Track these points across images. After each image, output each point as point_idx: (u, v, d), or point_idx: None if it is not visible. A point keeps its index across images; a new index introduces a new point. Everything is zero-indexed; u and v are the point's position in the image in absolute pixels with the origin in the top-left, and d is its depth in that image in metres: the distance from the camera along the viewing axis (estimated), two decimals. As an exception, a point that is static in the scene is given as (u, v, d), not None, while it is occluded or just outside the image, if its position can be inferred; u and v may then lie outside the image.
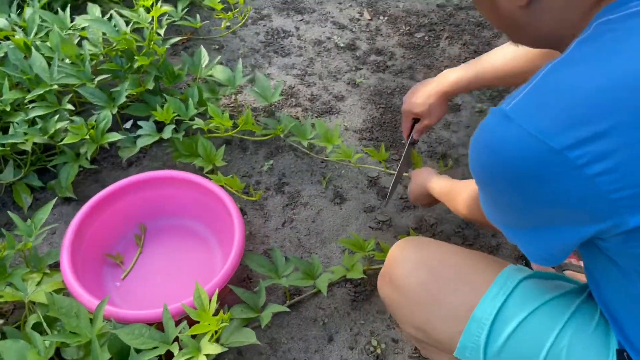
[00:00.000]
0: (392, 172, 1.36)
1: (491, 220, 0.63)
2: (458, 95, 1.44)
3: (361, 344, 1.09)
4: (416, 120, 1.15)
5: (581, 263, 1.20)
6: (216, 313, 1.01)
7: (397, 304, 0.80)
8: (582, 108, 0.49)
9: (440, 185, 1.05)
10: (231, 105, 1.51)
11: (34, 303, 1.02)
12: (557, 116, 0.50)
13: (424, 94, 1.10)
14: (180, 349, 0.90)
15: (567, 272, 1.15)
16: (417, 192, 1.13)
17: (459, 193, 0.93)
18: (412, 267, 0.77)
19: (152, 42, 1.38)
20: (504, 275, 0.72)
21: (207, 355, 0.88)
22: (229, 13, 1.62)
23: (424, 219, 1.29)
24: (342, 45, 1.70)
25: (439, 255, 0.78)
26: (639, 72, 0.49)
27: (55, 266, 1.11)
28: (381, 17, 1.80)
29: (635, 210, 0.51)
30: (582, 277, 1.13)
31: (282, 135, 1.37)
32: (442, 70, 1.13)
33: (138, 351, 0.90)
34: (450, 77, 1.07)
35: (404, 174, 1.31)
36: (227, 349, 0.91)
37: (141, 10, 1.43)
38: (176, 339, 0.92)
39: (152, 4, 1.43)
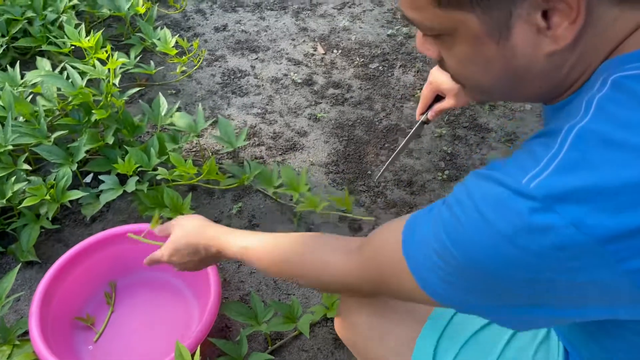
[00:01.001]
0: (357, 217, 1.36)
1: (445, 300, 0.52)
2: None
3: (349, 383, 1.08)
4: (437, 99, 1.02)
5: None
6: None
7: (352, 342, 0.81)
8: (627, 196, 0.42)
9: (244, 242, 0.77)
10: (194, 150, 1.50)
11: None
12: (598, 203, 0.42)
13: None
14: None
15: None
16: (184, 251, 0.84)
17: (306, 255, 0.69)
18: (358, 306, 0.78)
19: (110, 95, 1.36)
20: (434, 316, 0.75)
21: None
22: (184, 57, 1.61)
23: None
24: (299, 81, 1.72)
25: (385, 305, 0.78)
26: None
27: (24, 335, 1.05)
28: (335, 51, 1.84)
29: None
30: None
31: (247, 183, 1.37)
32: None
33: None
34: None
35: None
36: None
37: (97, 62, 1.41)
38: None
39: (108, 56, 1.41)
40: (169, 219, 1.23)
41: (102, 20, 1.81)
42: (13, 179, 1.21)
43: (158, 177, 1.28)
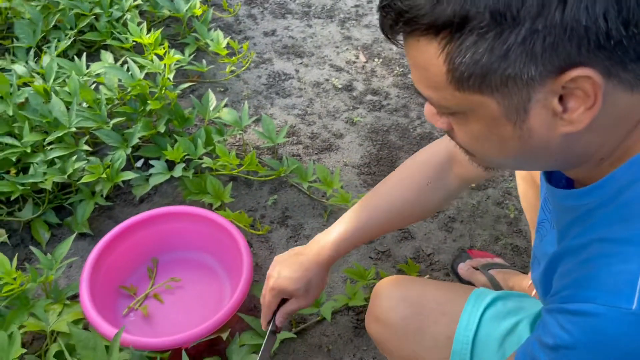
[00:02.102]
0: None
1: None
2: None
3: (364, 369, 1.15)
4: (284, 300, 0.92)
5: (499, 260, 1.27)
6: (227, 341, 1.08)
7: (385, 339, 0.85)
8: None
9: None
10: (237, 144, 1.60)
11: (53, 333, 1.08)
12: None
13: (301, 268, 0.88)
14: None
15: (492, 271, 1.22)
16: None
17: None
18: (394, 303, 0.83)
19: (164, 88, 1.48)
20: (471, 302, 0.80)
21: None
22: (234, 58, 1.72)
23: (421, 249, 1.37)
24: (339, 86, 1.81)
25: (417, 289, 0.84)
26: None
27: (74, 298, 1.17)
28: (376, 60, 1.91)
29: None
30: (507, 276, 1.20)
31: (283, 175, 1.46)
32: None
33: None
34: (328, 240, 0.88)
35: None
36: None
37: (155, 58, 1.53)
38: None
39: (165, 52, 1.53)
40: (210, 204, 1.34)
41: (162, 20, 1.94)
42: (74, 158, 1.34)
43: (203, 166, 1.39)
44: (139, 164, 1.51)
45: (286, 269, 0.89)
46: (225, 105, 1.61)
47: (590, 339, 0.47)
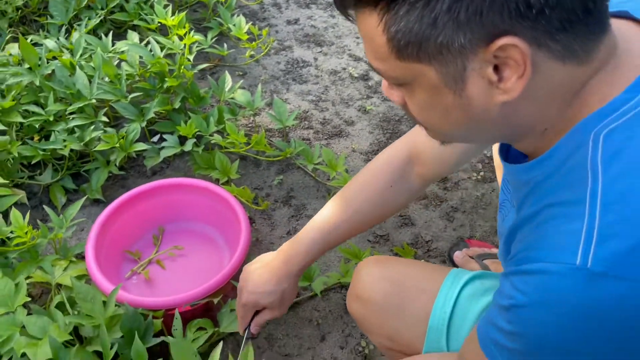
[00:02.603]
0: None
1: None
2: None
3: (351, 344, 1.18)
4: (258, 311, 0.95)
5: (496, 251, 1.27)
6: (219, 305, 1.13)
7: (365, 317, 0.87)
8: None
9: None
10: (249, 125, 1.65)
11: (59, 287, 1.15)
12: None
13: (273, 279, 0.90)
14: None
15: (487, 261, 1.23)
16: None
17: None
18: (375, 281, 0.85)
19: (182, 67, 1.54)
20: (449, 280, 0.81)
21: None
22: (254, 43, 1.77)
23: (420, 235, 1.38)
24: (356, 75, 1.83)
25: (398, 268, 0.86)
26: None
27: (81, 257, 1.24)
28: (395, 52, 1.94)
29: None
30: (501, 267, 1.20)
31: (290, 156, 1.49)
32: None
33: (142, 337, 1.00)
34: (300, 250, 0.91)
35: None
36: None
37: (175, 38, 1.60)
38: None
39: (185, 33, 1.60)
40: (217, 180, 1.39)
41: (189, 4, 2.01)
42: (92, 127, 1.41)
43: (213, 142, 1.44)
44: (155, 138, 1.57)
45: (258, 283, 0.91)
46: (242, 88, 1.66)
47: (540, 295, 0.48)
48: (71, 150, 1.41)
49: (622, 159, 0.48)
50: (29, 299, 1.07)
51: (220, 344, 0.95)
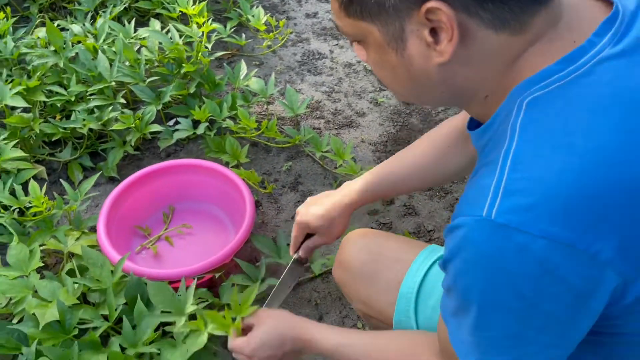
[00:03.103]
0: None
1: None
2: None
3: (347, 325, 1.21)
4: (309, 235, 0.99)
5: None
6: (221, 279, 1.17)
7: (346, 283, 0.92)
8: (578, 195, 0.48)
9: (337, 339, 0.79)
10: (262, 113, 1.69)
11: (71, 256, 1.21)
12: (556, 209, 0.48)
13: (325, 206, 0.94)
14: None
15: None
16: (270, 343, 0.82)
17: (394, 349, 0.76)
18: (356, 250, 0.90)
19: (200, 54, 1.59)
20: (423, 254, 0.85)
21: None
22: (271, 34, 1.82)
23: (423, 225, 1.41)
24: (370, 68, 1.86)
25: (380, 240, 0.91)
26: (602, 145, 0.49)
27: (93, 230, 1.29)
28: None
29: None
30: None
31: (299, 144, 1.53)
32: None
33: (147, 305, 1.05)
34: (355, 186, 0.94)
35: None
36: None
37: (194, 26, 1.65)
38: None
39: (204, 21, 1.65)
40: (227, 163, 1.43)
41: (211, -5, 2.07)
42: (110, 108, 1.47)
43: (224, 127, 1.49)
44: (171, 122, 1.63)
45: (313, 207, 0.96)
46: (258, 77, 1.70)
47: (458, 248, 0.52)
48: (90, 129, 1.47)
49: (537, 125, 0.51)
50: (42, 264, 1.13)
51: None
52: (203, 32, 1.62)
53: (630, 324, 0.56)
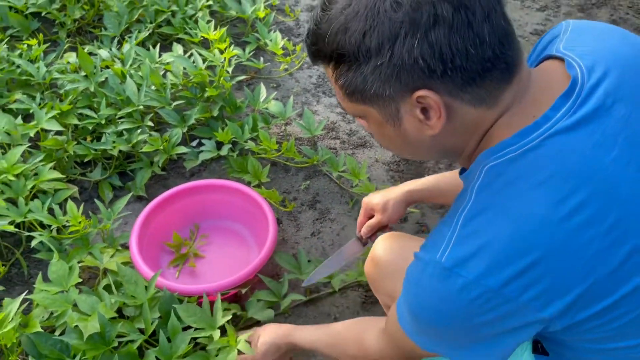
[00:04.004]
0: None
1: (429, 349, 0.73)
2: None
3: (365, 338, 1.28)
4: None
5: None
6: (247, 295, 1.24)
7: (375, 277, 1.05)
8: (505, 252, 0.61)
9: (312, 336, 1.05)
10: (281, 134, 1.78)
11: (105, 272, 1.29)
12: (489, 262, 0.61)
13: (385, 192, 1.16)
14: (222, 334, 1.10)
15: None
16: (271, 350, 1.09)
17: (354, 340, 0.97)
18: (387, 250, 1.03)
19: (222, 78, 1.68)
20: None
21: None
22: (288, 58, 1.90)
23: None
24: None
25: (408, 242, 1.02)
26: (533, 213, 0.61)
27: (125, 246, 1.37)
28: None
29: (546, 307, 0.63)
30: None
31: (317, 163, 1.61)
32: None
33: (179, 319, 1.12)
34: (412, 184, 1.15)
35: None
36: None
37: (216, 51, 1.74)
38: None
39: (226, 47, 1.74)
40: (249, 182, 1.51)
41: (229, 20, 2.16)
42: (139, 131, 1.56)
43: (246, 148, 1.57)
44: (194, 143, 1.71)
45: (375, 194, 1.18)
46: (275, 99, 1.78)
47: (415, 276, 0.68)
48: (119, 151, 1.55)
49: (488, 189, 0.64)
50: (80, 280, 1.21)
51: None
52: (225, 57, 1.71)
53: (575, 342, 0.70)
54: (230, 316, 1.14)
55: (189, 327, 1.13)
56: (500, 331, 0.65)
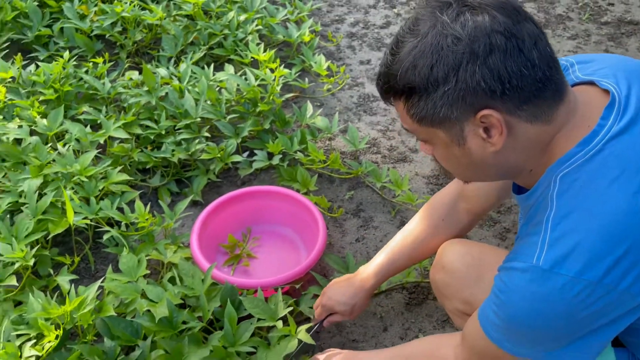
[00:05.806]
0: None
1: (518, 354, 0.78)
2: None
3: (410, 336, 1.35)
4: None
5: None
6: (299, 291, 1.33)
7: (447, 285, 1.09)
8: (598, 246, 0.67)
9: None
10: (325, 148, 1.88)
11: (169, 266, 1.39)
12: (585, 259, 0.67)
13: (349, 293, 1.19)
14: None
15: None
16: None
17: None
18: (459, 255, 1.07)
19: (273, 95, 1.80)
20: None
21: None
22: (331, 78, 2.03)
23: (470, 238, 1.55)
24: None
25: (478, 248, 1.08)
26: (615, 207, 0.68)
27: (184, 244, 1.48)
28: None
29: None
30: None
31: (360, 175, 1.71)
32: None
33: (237, 309, 1.21)
34: (371, 271, 1.19)
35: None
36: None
37: (267, 70, 1.87)
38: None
39: (277, 67, 1.87)
40: (297, 191, 1.62)
41: (277, 43, 2.30)
42: (197, 141, 1.68)
43: (295, 158, 1.68)
44: (245, 154, 1.82)
45: (337, 293, 1.20)
46: (320, 115, 1.90)
47: (512, 284, 0.73)
48: (177, 159, 1.67)
49: (567, 194, 0.71)
50: (148, 272, 1.31)
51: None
52: (275, 76, 1.83)
53: None
54: (291, 308, 1.22)
55: (245, 318, 1.22)
56: (602, 324, 0.71)
